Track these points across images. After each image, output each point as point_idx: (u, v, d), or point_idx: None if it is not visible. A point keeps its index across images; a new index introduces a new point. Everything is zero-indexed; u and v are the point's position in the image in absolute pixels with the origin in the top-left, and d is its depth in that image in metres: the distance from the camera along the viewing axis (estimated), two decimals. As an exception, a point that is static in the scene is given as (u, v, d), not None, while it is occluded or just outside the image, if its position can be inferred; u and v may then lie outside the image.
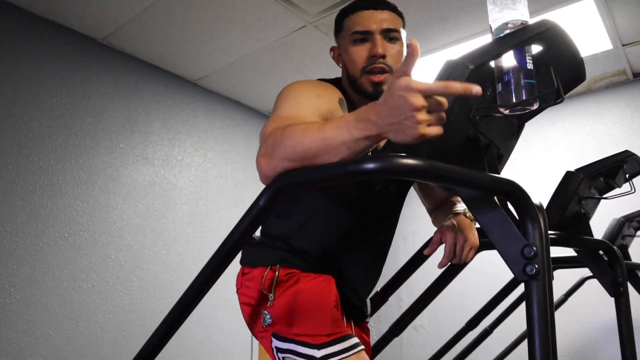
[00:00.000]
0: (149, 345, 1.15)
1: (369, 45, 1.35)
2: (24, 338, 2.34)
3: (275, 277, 1.33)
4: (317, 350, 1.20)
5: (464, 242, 1.37)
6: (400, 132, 0.81)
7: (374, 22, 1.35)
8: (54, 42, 2.71)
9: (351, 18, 1.39)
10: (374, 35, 1.34)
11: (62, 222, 2.58)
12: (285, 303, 1.29)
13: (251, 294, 1.36)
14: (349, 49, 1.38)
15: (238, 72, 3.30)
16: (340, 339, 1.22)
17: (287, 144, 0.94)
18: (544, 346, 0.79)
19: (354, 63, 1.36)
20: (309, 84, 1.33)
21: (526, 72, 0.85)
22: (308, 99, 1.24)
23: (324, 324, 1.24)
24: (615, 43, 2.95)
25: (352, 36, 1.37)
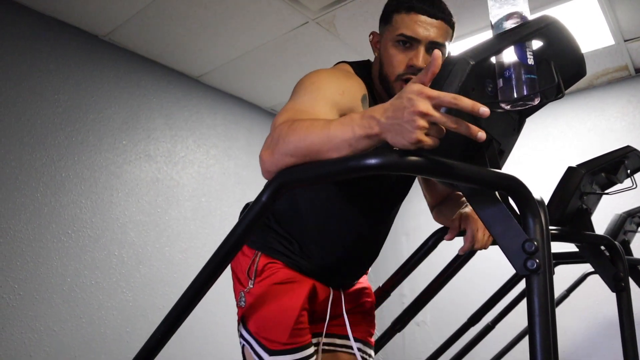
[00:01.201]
0: (152, 340, 1.16)
1: (411, 53, 1.28)
2: (28, 334, 2.35)
3: (256, 265, 1.40)
4: (267, 355, 1.31)
5: (484, 228, 1.37)
6: (399, 133, 0.79)
7: (424, 30, 1.27)
8: (56, 39, 2.72)
9: (402, 16, 1.30)
10: (419, 45, 1.27)
11: (65, 219, 2.59)
12: (259, 294, 1.37)
13: (240, 269, 1.44)
14: (390, 49, 1.31)
15: (240, 68, 3.30)
16: (295, 349, 1.31)
17: (291, 139, 0.93)
18: (544, 341, 0.79)
19: (392, 66, 1.31)
20: (335, 77, 1.26)
21: (527, 67, 0.85)
22: (330, 93, 1.19)
23: (284, 331, 1.32)
24: (617, 39, 2.94)
25: (398, 37, 1.29)
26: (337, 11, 2.66)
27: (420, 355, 3.81)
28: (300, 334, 1.34)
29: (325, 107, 1.14)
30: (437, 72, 0.85)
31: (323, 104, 1.14)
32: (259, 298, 1.36)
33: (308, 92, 1.17)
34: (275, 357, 1.30)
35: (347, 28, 2.82)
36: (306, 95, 1.16)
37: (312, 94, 1.16)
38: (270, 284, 1.37)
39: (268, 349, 1.31)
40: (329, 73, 1.27)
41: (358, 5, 2.60)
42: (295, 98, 1.16)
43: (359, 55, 2.68)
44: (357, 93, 1.28)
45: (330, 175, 0.86)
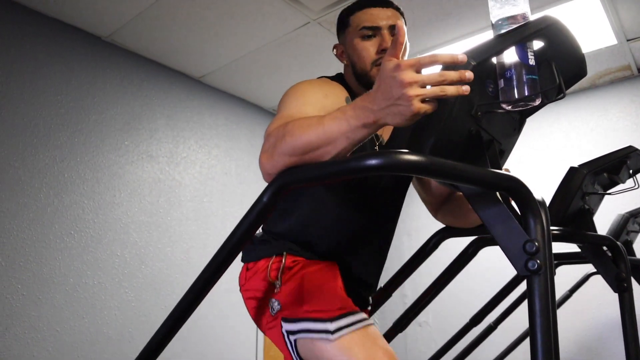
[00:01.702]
0: (155, 340, 1.16)
1: (377, 41, 1.39)
2: (31, 334, 2.36)
3: (282, 264, 1.34)
4: (329, 323, 1.20)
5: None
6: (397, 114, 0.82)
7: (382, 19, 1.39)
8: (58, 40, 2.73)
9: (358, 15, 1.42)
10: (382, 31, 1.38)
11: (68, 219, 2.60)
12: (293, 287, 1.31)
13: (256, 287, 1.37)
14: (358, 44, 1.41)
15: (242, 69, 3.30)
16: (351, 312, 1.24)
17: (287, 139, 0.95)
18: (545, 341, 0.79)
19: (363, 58, 1.39)
20: (316, 83, 1.35)
21: (528, 68, 0.85)
22: (315, 98, 1.26)
23: (334, 299, 1.26)
24: (619, 38, 2.94)
25: (361, 32, 1.40)
26: (339, 11, 2.65)
27: (422, 355, 3.80)
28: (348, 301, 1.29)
29: (314, 110, 1.19)
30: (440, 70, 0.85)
31: (311, 108, 1.20)
32: (295, 288, 1.31)
33: (295, 99, 1.24)
34: (339, 322, 1.21)
35: (349, 28, 2.81)
36: (293, 102, 1.23)
37: (299, 100, 1.24)
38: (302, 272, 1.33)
39: (328, 319, 1.22)
40: (308, 82, 1.36)
41: (360, 5, 2.60)
42: (283, 108, 1.22)
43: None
44: (340, 94, 1.37)
45: (330, 176, 0.86)
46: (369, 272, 1.50)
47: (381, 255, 1.53)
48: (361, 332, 1.20)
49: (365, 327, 1.22)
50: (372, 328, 1.24)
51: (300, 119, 0.99)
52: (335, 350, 1.18)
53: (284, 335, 1.28)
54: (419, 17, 2.73)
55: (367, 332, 1.21)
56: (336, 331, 1.19)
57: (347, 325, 1.20)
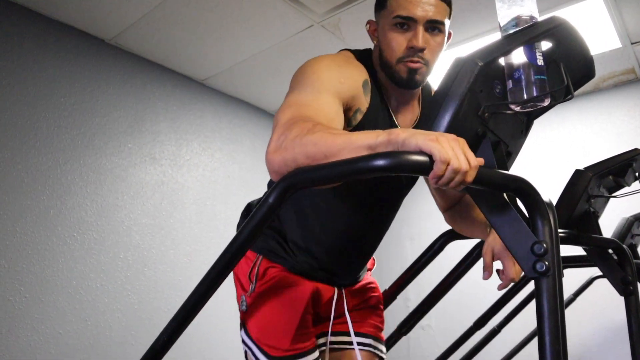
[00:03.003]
0: (158, 343, 1.15)
1: (410, 34, 1.25)
2: (34, 336, 2.35)
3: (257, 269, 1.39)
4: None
5: None
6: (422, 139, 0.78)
7: (421, 10, 1.22)
8: (62, 43, 2.73)
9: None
10: (417, 24, 1.23)
11: (71, 222, 2.60)
12: (261, 299, 1.36)
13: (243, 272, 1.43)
14: (388, 33, 1.27)
15: (245, 72, 3.30)
16: (297, 355, 1.31)
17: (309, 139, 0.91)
18: (554, 344, 0.78)
19: (391, 50, 1.27)
20: (334, 65, 1.24)
21: (537, 68, 0.85)
22: (330, 83, 1.17)
23: (286, 336, 1.31)
24: (624, 41, 2.93)
25: (394, 19, 1.25)
26: (342, 14, 2.66)
27: (425, 359, 3.79)
28: (302, 339, 1.34)
29: (328, 98, 1.13)
30: (447, 71, 0.85)
31: (325, 95, 1.13)
32: (260, 303, 1.36)
33: (309, 84, 1.15)
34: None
35: (352, 31, 2.81)
36: (308, 87, 1.14)
37: (313, 85, 1.15)
38: (271, 288, 1.37)
39: (269, 355, 1.30)
40: (328, 61, 1.25)
41: (363, 8, 2.59)
42: (296, 90, 1.15)
43: (364, 59, 2.68)
44: (357, 79, 1.27)
45: (340, 177, 0.85)
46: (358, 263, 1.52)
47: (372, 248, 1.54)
48: None
49: None
50: None
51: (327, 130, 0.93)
52: None
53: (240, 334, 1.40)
54: (423, 20, 2.73)
55: None
56: None
57: None
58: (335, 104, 1.14)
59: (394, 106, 1.37)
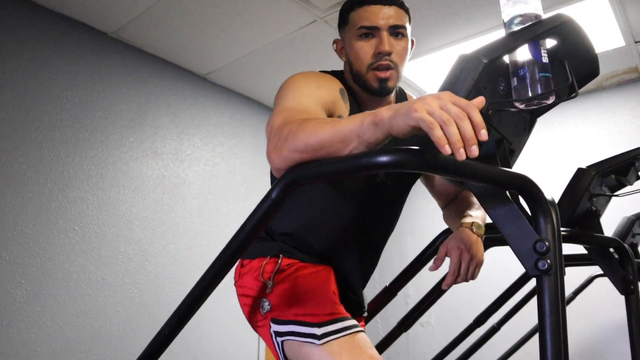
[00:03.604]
0: (158, 338, 1.16)
1: (375, 41, 1.33)
2: (34, 329, 2.36)
3: (278, 265, 1.34)
4: (317, 328, 1.20)
5: (470, 260, 1.36)
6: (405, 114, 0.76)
7: (381, 18, 1.32)
8: (64, 36, 2.73)
9: (358, 12, 1.35)
10: (380, 32, 1.32)
11: (72, 215, 2.60)
12: (285, 289, 1.31)
13: (250, 285, 1.37)
14: (355, 44, 1.35)
15: (247, 67, 3.30)
16: (341, 319, 1.23)
17: (300, 136, 0.94)
18: (555, 342, 0.79)
19: (360, 59, 1.34)
20: (309, 75, 1.33)
21: (542, 65, 0.84)
22: (309, 89, 1.24)
23: (323, 304, 1.26)
24: (627, 40, 2.92)
25: (358, 31, 1.34)
26: (346, 10, 2.65)
27: (424, 356, 3.79)
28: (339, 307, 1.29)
29: (311, 101, 1.20)
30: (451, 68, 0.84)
31: (307, 99, 1.20)
32: (286, 290, 1.31)
33: (291, 92, 1.23)
34: (326, 327, 1.20)
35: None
36: (290, 95, 1.22)
37: (295, 92, 1.22)
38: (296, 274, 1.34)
39: (316, 323, 1.21)
40: (302, 74, 1.34)
41: (367, 4, 2.59)
42: (281, 102, 1.21)
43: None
44: (332, 87, 1.34)
45: (341, 172, 0.85)
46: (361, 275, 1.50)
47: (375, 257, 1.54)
48: (349, 338, 1.19)
49: (354, 334, 1.21)
50: (361, 335, 1.23)
51: (317, 119, 0.98)
52: (321, 356, 1.18)
53: (272, 335, 1.28)
54: (426, 17, 2.72)
55: (355, 339, 1.20)
56: (323, 336, 1.18)
57: (335, 331, 1.19)
58: (318, 106, 1.21)
59: None
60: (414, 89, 3.59)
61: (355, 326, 1.23)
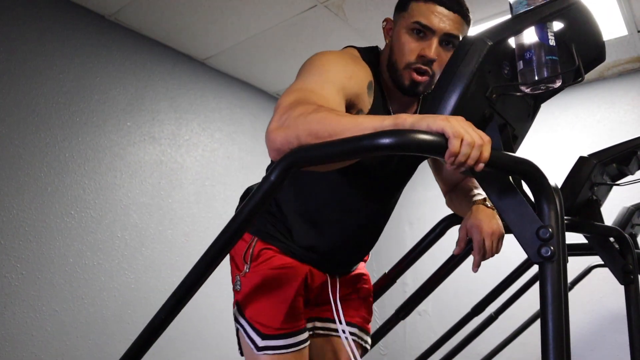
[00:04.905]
0: (154, 323, 1.14)
1: (424, 44, 1.25)
2: (30, 313, 2.35)
3: (252, 249, 1.41)
4: (260, 339, 1.33)
5: (491, 235, 1.34)
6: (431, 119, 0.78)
7: (440, 22, 1.23)
8: (62, 18, 2.69)
9: (420, 5, 1.26)
10: (433, 35, 1.24)
11: (68, 199, 2.58)
12: (254, 282, 1.38)
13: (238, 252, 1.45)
14: (403, 36, 1.28)
15: (247, 52, 3.26)
16: (287, 334, 1.34)
17: (315, 118, 0.91)
18: (557, 330, 0.77)
19: (402, 54, 1.27)
20: (343, 60, 1.24)
21: (548, 48, 0.82)
22: (338, 76, 1.17)
23: (277, 316, 1.34)
24: (630, 29, 2.90)
25: (413, 24, 1.25)
26: (347, -5, 2.62)
27: (422, 344, 3.80)
28: (294, 319, 1.36)
29: (333, 90, 1.12)
30: (455, 51, 0.83)
31: (331, 86, 1.12)
32: (254, 283, 1.38)
33: (316, 74, 1.15)
34: (267, 342, 1.32)
35: (356, 12, 2.78)
36: (314, 76, 1.14)
37: (321, 75, 1.14)
38: (265, 269, 1.38)
39: (261, 334, 1.33)
40: (337, 56, 1.25)
41: (368, -11, 2.56)
42: (302, 78, 1.14)
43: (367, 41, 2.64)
44: (363, 79, 1.27)
45: (343, 155, 0.83)
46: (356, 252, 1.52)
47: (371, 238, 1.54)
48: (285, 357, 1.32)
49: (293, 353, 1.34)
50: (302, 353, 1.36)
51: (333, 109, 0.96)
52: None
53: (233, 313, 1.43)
54: (428, 3, 2.68)
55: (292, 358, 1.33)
56: (261, 349, 1.32)
57: (275, 347, 1.32)
58: (339, 96, 1.14)
59: (395, 109, 1.39)
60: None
61: (300, 343, 1.36)
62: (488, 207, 1.39)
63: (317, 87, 1.09)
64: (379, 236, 1.55)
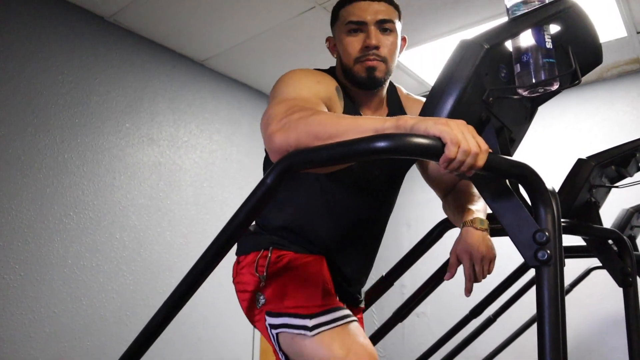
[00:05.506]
0: (152, 324, 1.14)
1: (363, 36, 1.34)
2: (28, 315, 2.35)
3: (268, 259, 1.36)
4: (308, 319, 1.23)
5: (482, 260, 1.34)
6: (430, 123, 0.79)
7: (369, 13, 1.34)
8: (61, 19, 2.69)
9: (347, 9, 1.38)
10: (368, 26, 1.33)
11: (67, 201, 2.58)
12: (278, 281, 1.33)
13: (246, 280, 1.39)
14: (344, 39, 1.37)
15: (245, 53, 3.26)
16: (332, 309, 1.26)
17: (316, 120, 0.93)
18: (553, 334, 0.77)
19: (348, 53, 1.36)
20: (307, 72, 1.33)
21: (545, 51, 0.82)
22: (308, 83, 1.25)
23: (315, 295, 1.28)
24: (629, 31, 2.90)
25: (347, 26, 1.36)
26: (346, -4, 2.62)
27: (420, 346, 3.79)
28: (331, 298, 1.31)
29: (310, 94, 1.20)
30: (451, 54, 0.83)
31: (307, 92, 1.21)
32: (279, 282, 1.33)
33: (291, 85, 1.23)
34: (318, 319, 1.23)
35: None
36: (289, 87, 1.22)
37: (295, 85, 1.23)
38: (287, 266, 1.35)
39: (307, 315, 1.24)
40: (300, 70, 1.33)
41: (367, -10, 2.56)
42: (279, 93, 1.20)
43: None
44: (330, 84, 1.35)
45: (338, 158, 0.82)
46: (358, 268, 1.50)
47: (372, 250, 1.54)
48: (341, 329, 1.22)
49: (345, 325, 1.24)
50: (354, 325, 1.26)
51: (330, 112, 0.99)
52: (314, 347, 1.21)
53: (267, 328, 1.31)
54: (427, 4, 2.68)
55: (347, 329, 1.23)
56: (314, 327, 1.21)
57: (326, 322, 1.22)
58: (318, 99, 1.22)
59: (364, 111, 1.44)
60: (413, 78, 3.57)
61: (348, 316, 1.26)
62: (477, 230, 1.36)
63: (296, 94, 1.17)
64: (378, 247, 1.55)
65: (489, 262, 1.36)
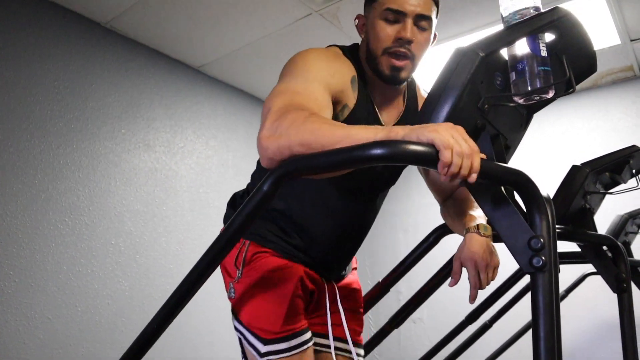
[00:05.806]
0: (148, 331, 1.14)
1: (398, 27, 1.27)
2: (23, 321, 2.34)
3: (244, 256, 1.38)
4: (262, 345, 1.29)
5: (486, 267, 1.33)
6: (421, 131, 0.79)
7: (410, 5, 1.26)
8: (57, 25, 2.69)
9: None
10: (406, 18, 1.27)
11: (62, 206, 2.57)
12: (247, 287, 1.35)
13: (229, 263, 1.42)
14: (377, 24, 1.29)
15: (242, 59, 3.27)
16: (289, 336, 1.30)
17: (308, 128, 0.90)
18: (548, 340, 0.78)
19: (379, 40, 1.29)
20: (325, 58, 1.27)
21: (541, 59, 0.83)
22: (321, 75, 1.19)
23: (277, 318, 1.31)
24: (623, 38, 2.92)
25: (385, 12, 1.28)
26: (341, 3, 2.63)
27: (416, 352, 3.80)
28: (294, 320, 1.33)
29: (319, 88, 1.15)
30: (447, 62, 0.83)
31: (316, 85, 1.15)
32: (248, 288, 1.35)
33: (300, 74, 1.17)
34: (270, 347, 1.28)
35: (351, 21, 2.79)
36: (298, 76, 1.16)
37: (304, 74, 1.17)
38: (259, 272, 1.35)
39: (262, 339, 1.29)
40: (318, 54, 1.27)
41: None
42: (287, 79, 1.16)
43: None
44: (346, 74, 1.29)
45: (335, 165, 0.83)
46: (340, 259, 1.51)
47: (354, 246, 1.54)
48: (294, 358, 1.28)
49: (298, 354, 1.29)
50: (307, 353, 1.31)
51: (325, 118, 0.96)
52: None
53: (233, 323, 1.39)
54: (422, 12, 2.70)
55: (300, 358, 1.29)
56: (264, 355, 1.29)
57: (278, 351, 1.28)
58: (326, 94, 1.16)
59: (379, 102, 1.40)
60: (409, 85, 3.57)
61: (304, 344, 1.32)
62: (481, 236, 1.36)
63: (302, 88, 1.11)
64: (366, 233, 1.55)
65: (493, 269, 1.36)
